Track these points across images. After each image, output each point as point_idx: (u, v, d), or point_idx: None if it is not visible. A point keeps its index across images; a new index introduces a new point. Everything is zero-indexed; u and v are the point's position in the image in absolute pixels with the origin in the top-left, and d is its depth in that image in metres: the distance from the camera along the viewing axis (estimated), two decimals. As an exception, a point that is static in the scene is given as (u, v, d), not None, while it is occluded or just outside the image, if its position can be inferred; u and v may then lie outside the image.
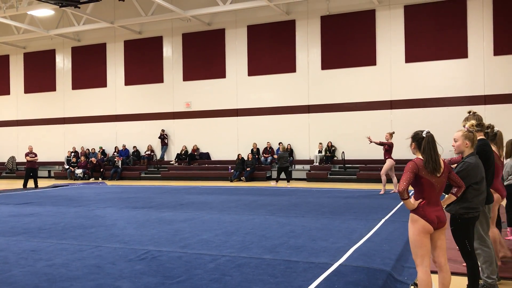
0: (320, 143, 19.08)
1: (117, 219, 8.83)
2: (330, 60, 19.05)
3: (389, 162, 12.62)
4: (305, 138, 19.47)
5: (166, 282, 4.67)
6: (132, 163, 21.92)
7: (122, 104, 22.75)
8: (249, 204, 10.89)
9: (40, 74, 24.64)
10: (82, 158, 22.14)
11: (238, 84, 20.56)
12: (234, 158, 19.82)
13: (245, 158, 19.48)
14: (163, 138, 21.77)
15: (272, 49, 19.99)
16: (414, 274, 4.76)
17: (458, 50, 17.31)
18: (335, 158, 18.89)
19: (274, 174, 19.39)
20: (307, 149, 19.57)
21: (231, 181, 18.75)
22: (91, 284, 4.63)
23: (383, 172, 12.82)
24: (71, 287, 4.54)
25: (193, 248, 6.13)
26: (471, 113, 4.82)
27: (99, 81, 23.23)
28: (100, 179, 21.13)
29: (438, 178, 3.67)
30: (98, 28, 21.22)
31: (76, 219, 8.86)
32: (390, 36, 18.21)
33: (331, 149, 18.84)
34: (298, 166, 19.39)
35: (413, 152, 3.82)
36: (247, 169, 18.99)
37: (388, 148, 12.65)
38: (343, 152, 18.64)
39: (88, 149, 22.98)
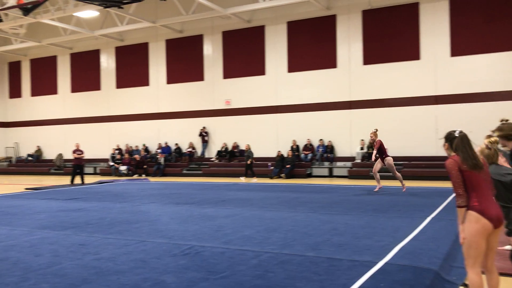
0: (362, 140, 18.78)
1: (160, 214, 8.99)
2: (372, 55, 18.70)
3: (389, 161, 12.06)
4: (346, 134, 19.22)
5: (210, 278, 4.70)
6: (174, 160, 22.29)
7: (164, 102, 23.17)
8: (290, 201, 10.84)
9: (85, 73, 25.42)
10: (126, 155, 22.70)
11: (277, 80, 20.51)
12: (274, 155, 19.81)
13: (285, 155, 19.43)
14: (203, 135, 22.02)
15: (312, 45, 19.83)
16: (463, 274, 4.59)
17: (508, 42, 16.60)
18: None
19: (315, 171, 19.29)
20: (348, 146, 19.31)
21: (271, 178, 18.75)
22: (137, 278, 4.71)
23: (393, 172, 12.22)
24: (118, 281, 4.64)
25: (236, 244, 6.16)
26: (502, 122, 4.60)
27: (142, 79, 23.73)
28: (143, 175, 21.60)
29: (481, 174, 3.54)
30: (140, 27, 21.67)
31: (121, 215, 9.08)
32: (435, 29, 17.69)
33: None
34: (339, 163, 19.16)
35: (447, 153, 3.73)
36: (287, 166, 18.93)
37: (381, 147, 12.07)
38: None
39: (132, 147, 23.53)
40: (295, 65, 20.14)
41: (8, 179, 22.34)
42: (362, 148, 18.73)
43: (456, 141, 3.59)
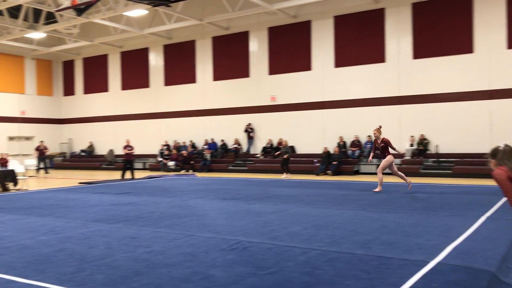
0: (412, 136, 18.30)
1: (208, 209, 9.11)
2: (422, 49, 18.15)
3: (389, 158, 11.50)
4: (395, 131, 18.77)
5: (258, 273, 4.71)
6: (220, 156, 22.54)
7: (210, 99, 23.45)
8: (337, 198, 10.72)
9: (135, 71, 26.11)
10: (174, 151, 23.17)
11: (324, 76, 20.30)
12: (320, 151, 19.64)
13: (331, 152, 19.21)
14: (249, 131, 22.13)
15: (359, 39, 19.47)
16: (523, 277, 4.38)
17: None
18: (428, 152, 18.00)
19: (363, 168, 18.97)
20: (397, 143, 18.82)
21: (317, 174, 18.60)
22: (187, 272, 4.79)
23: (380, 169, 11.61)
24: (169, 274, 4.73)
25: (283, 240, 6.14)
26: None
27: (189, 77, 24.11)
28: (190, 171, 21.97)
29: None
30: (187, 25, 22.00)
31: (170, 209, 9.27)
32: (490, 20, 16.94)
33: (423, 142, 17.99)
34: (387, 160, 18.73)
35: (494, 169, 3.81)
36: (334, 162, 18.72)
37: (384, 145, 11.51)
38: (436, 145, 17.73)
39: (179, 143, 23.98)
40: (342, 60, 19.86)
41: (63, 173, 23.31)
42: (411, 145, 18.25)
43: (502, 153, 3.68)
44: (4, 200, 11.62)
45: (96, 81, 27.76)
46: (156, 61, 25.34)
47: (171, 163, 22.60)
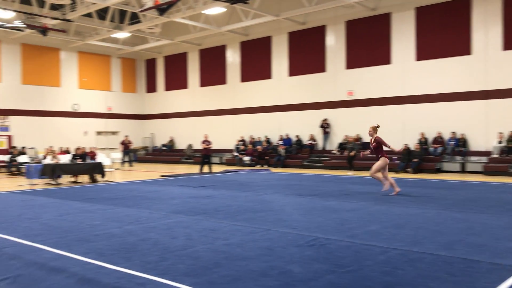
0: (500, 133, 17.13)
1: (284, 205, 9.12)
2: (513, 39, 16.91)
3: (382, 161, 10.47)
4: (481, 127, 17.68)
5: (337, 271, 4.64)
6: (294, 152, 22.50)
7: (285, 94, 23.46)
8: (418, 197, 10.29)
9: (212, 68, 26.75)
10: (250, 146, 23.48)
11: (404, 69, 19.56)
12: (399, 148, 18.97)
13: (412, 148, 18.48)
14: (325, 127, 21.87)
15: (443, 31, 18.51)
16: None
17: None
18: (518, 150, 16.77)
19: (446, 166, 18.08)
20: (484, 140, 17.76)
21: (397, 172, 17.99)
22: (265, 266, 4.83)
23: (372, 172, 10.57)
24: (247, 267, 4.80)
25: (362, 239, 6.00)
26: None
27: (265, 73, 24.28)
28: (265, 166, 22.15)
29: None
30: (264, 22, 22.14)
31: (247, 203, 9.40)
32: None
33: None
34: (473, 158, 17.71)
35: None
36: (414, 160, 18.00)
37: (377, 145, 10.60)
38: (528, 142, 16.46)
39: (254, 138, 24.25)
40: (423, 52, 19.01)
41: (146, 166, 24.46)
42: (500, 142, 17.09)
43: None
44: (93, 191, 12.40)
45: (176, 79, 28.80)
46: (233, 58, 25.79)
47: (246, 158, 22.94)
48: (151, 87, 30.48)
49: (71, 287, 4.32)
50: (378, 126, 11.04)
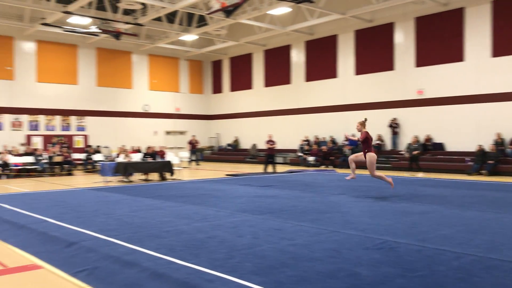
0: None
1: (351, 206, 8.96)
2: None
3: (371, 158, 10.18)
4: None
5: (407, 275, 4.49)
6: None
7: (351, 93, 23.05)
8: (495, 200, 9.73)
9: (277, 68, 26.82)
10: (315, 146, 23.29)
11: (479, 67, 18.57)
12: (472, 149, 18.04)
13: (487, 150, 17.51)
14: (394, 127, 21.25)
15: (523, 24, 17.40)
16: None
17: None
18: None
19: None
20: None
21: (470, 174, 17.12)
22: (332, 267, 4.77)
23: (372, 173, 10.28)
24: (314, 268, 4.76)
25: (433, 243, 5.76)
26: None
27: (330, 72, 24.00)
28: (330, 166, 21.88)
29: None
30: (330, 20, 21.89)
31: (312, 204, 9.33)
32: None
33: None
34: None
35: None
36: (489, 162, 17.04)
37: (363, 140, 10.20)
38: None
39: (319, 138, 24.03)
40: (501, 48, 17.95)
41: (211, 165, 24.98)
42: None
43: None
44: (162, 188, 12.84)
45: (241, 79, 29.17)
46: (297, 58, 25.72)
47: (311, 158, 22.78)
48: (217, 88, 31.09)
49: (144, 281, 4.49)
50: (366, 120, 10.77)
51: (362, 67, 22.59)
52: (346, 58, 23.26)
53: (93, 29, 20.73)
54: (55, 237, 6.31)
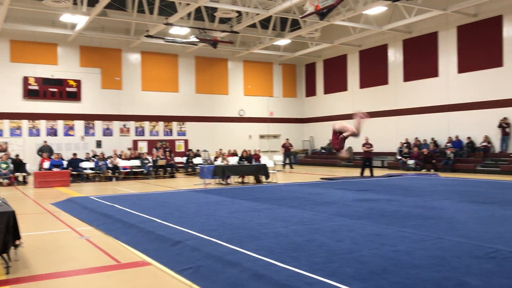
0: None
1: (456, 212, 8.44)
2: None
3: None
4: None
5: (525, 288, 4.13)
6: (465, 155, 20.70)
7: (454, 93, 21.75)
8: None
9: (373, 69, 26.12)
10: (415, 149, 22.28)
11: None
12: None
13: None
14: (504, 127, 19.67)
15: None
16: None
17: None
18: None
19: None
20: None
21: None
22: (438, 276, 4.52)
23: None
24: (418, 275, 4.55)
25: (555, 254, 5.23)
26: None
27: (430, 71, 22.86)
28: (431, 170, 20.81)
29: None
30: (429, 17, 20.88)
31: (414, 209, 8.92)
32: None
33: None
34: None
35: None
36: None
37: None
38: None
39: (420, 140, 22.95)
40: None
41: (305, 169, 24.95)
42: None
43: None
44: (258, 191, 13.07)
45: (335, 81, 28.82)
46: (395, 57, 24.84)
47: (410, 162, 21.83)
48: (310, 91, 31.01)
49: (245, 281, 4.60)
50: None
51: (466, 65, 21.22)
52: (448, 55, 22.01)
53: (192, 38, 21.72)
54: (161, 236, 6.69)
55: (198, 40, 21.63)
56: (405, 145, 23.31)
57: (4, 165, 17.52)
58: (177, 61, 26.83)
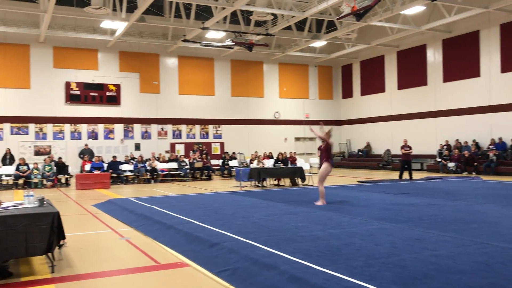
0: None
1: (500, 217, 8.15)
2: None
3: (326, 167, 10.20)
4: None
5: None
6: (510, 158, 19.98)
7: (497, 93, 21.05)
8: None
9: (411, 70, 25.59)
10: (455, 151, 21.67)
11: None
12: None
13: None
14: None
15: None
16: None
17: None
18: None
19: None
20: None
21: None
22: (482, 282, 4.38)
23: (319, 179, 10.30)
24: (461, 281, 4.41)
25: None
26: None
27: (472, 71, 22.21)
28: (473, 173, 20.18)
29: None
30: (470, 16, 20.29)
31: (455, 213, 8.67)
32: None
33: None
34: None
35: None
36: None
37: (326, 149, 10.27)
38: None
39: (461, 142, 22.31)
40: None
41: (342, 172, 24.68)
42: None
43: None
44: (295, 194, 13.03)
45: (372, 83, 28.41)
46: (434, 57, 24.27)
47: (451, 164, 21.24)
48: (347, 93, 30.68)
49: (282, 284, 4.59)
50: (331, 129, 10.67)
51: (510, 64, 20.50)
52: (490, 55, 21.33)
53: (228, 42, 21.90)
54: (199, 238, 6.76)
55: (233, 43, 21.77)
56: (445, 147, 22.71)
57: (47, 168, 18.16)
58: (213, 64, 27.10)
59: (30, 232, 5.34)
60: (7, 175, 18.19)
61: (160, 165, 20.40)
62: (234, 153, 24.11)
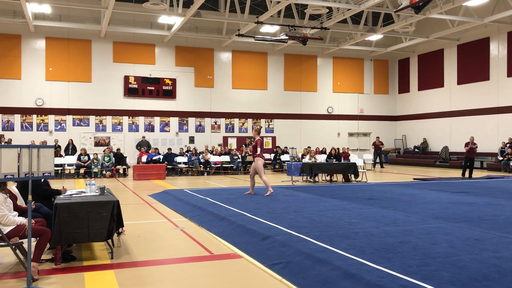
0: None
1: None
2: None
3: (260, 162, 11.33)
4: None
5: None
6: None
7: None
8: None
9: (473, 64, 24.50)
10: (518, 149, 20.62)
11: None
12: None
13: None
14: None
15: None
16: None
17: None
18: None
19: None
20: None
21: None
22: (549, 287, 4.15)
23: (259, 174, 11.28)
24: (525, 285, 4.21)
25: None
26: None
27: (539, 65, 21.00)
28: (539, 173, 19.12)
29: None
30: (539, 6, 19.17)
31: (519, 214, 8.27)
32: None
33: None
34: None
35: None
36: None
37: (255, 146, 11.35)
38: None
39: (525, 140, 21.18)
40: None
41: (397, 168, 24.07)
42: None
43: None
44: (348, 190, 12.85)
45: (430, 77, 27.45)
46: (498, 51, 23.11)
47: (514, 163, 20.22)
48: (403, 88, 29.83)
49: (336, 279, 4.55)
50: (260, 127, 9.95)
51: None
52: (560, 47, 20.06)
53: (282, 36, 21.83)
54: (251, 230, 6.83)
55: (287, 37, 21.67)
56: (508, 145, 21.61)
57: (106, 158, 18.91)
58: (266, 59, 27.13)
59: (92, 219, 5.60)
60: (69, 165, 19.13)
61: (213, 158, 20.72)
62: (286, 147, 24.09)
